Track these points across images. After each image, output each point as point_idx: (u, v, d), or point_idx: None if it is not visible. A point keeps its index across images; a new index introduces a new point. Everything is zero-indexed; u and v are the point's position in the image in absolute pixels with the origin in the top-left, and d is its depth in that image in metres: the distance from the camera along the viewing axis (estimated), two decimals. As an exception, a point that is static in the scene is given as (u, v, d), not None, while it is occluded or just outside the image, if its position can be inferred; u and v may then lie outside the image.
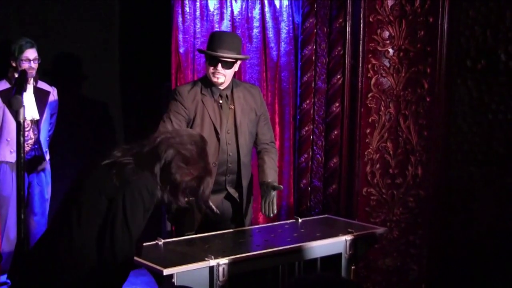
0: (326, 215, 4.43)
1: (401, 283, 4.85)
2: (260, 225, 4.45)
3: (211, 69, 3.85)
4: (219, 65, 3.82)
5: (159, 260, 3.14)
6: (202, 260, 3.15)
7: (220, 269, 3.15)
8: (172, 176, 2.86)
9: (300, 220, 4.05)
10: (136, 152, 2.87)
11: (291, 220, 4.15)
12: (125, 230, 2.72)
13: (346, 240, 3.63)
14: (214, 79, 3.86)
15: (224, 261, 3.17)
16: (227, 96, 3.94)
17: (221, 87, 3.91)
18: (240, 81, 4.40)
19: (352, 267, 3.67)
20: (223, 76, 3.85)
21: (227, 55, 3.82)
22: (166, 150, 2.86)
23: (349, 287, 1.87)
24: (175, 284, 3.04)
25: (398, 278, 4.87)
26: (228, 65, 3.85)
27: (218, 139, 3.87)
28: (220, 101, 3.92)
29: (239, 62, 3.97)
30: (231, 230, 3.85)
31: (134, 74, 5.37)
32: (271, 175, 3.94)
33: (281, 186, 3.94)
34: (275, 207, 3.84)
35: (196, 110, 3.88)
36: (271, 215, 3.85)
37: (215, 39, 3.86)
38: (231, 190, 3.99)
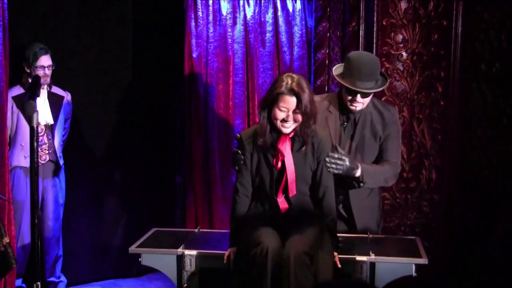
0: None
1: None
2: None
3: (348, 98, 3.71)
4: (358, 96, 3.66)
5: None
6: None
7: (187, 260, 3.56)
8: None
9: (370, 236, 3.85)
10: None
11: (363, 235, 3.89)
12: None
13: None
14: (352, 108, 3.73)
15: (192, 252, 3.55)
16: (354, 119, 3.81)
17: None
18: (379, 101, 4.08)
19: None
20: (361, 105, 3.72)
21: (368, 91, 3.65)
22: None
23: None
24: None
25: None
26: (367, 95, 3.70)
27: None
28: (345, 124, 3.80)
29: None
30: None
31: (147, 79, 5.39)
32: (365, 168, 3.71)
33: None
34: (333, 165, 3.52)
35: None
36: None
37: (354, 69, 3.65)
38: (342, 211, 3.91)
